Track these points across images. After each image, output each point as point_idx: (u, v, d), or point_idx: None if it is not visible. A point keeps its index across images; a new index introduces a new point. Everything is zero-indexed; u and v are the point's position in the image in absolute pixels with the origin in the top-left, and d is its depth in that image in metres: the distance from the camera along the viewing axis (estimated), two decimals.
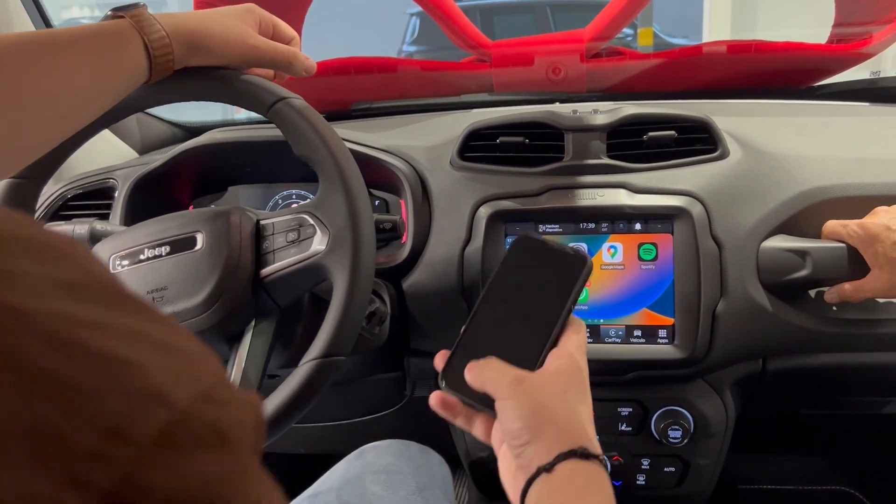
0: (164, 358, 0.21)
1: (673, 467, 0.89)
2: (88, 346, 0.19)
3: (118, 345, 0.20)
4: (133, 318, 0.22)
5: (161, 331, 0.22)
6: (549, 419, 0.49)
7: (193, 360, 0.23)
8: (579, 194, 0.86)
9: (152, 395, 0.20)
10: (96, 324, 0.20)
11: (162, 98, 0.74)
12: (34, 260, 0.20)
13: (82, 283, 0.21)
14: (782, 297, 0.85)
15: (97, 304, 0.21)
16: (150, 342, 0.21)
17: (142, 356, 0.20)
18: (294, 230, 0.71)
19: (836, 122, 1.02)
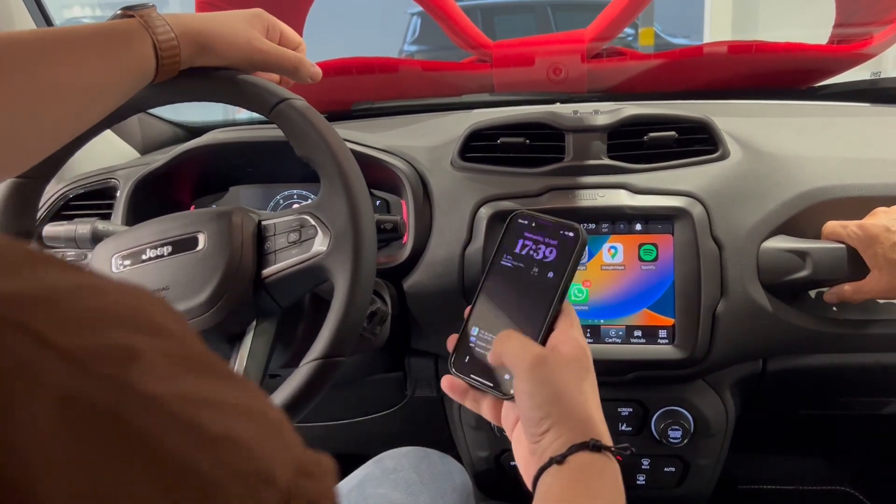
0: (262, 431, 0.22)
1: (673, 467, 0.90)
2: (208, 428, 0.20)
3: (229, 423, 0.21)
4: (229, 389, 0.22)
5: (251, 399, 0.23)
6: (567, 409, 0.50)
7: (283, 430, 0.24)
8: (580, 195, 0.86)
9: (262, 476, 0.20)
10: (209, 402, 0.21)
11: (166, 98, 0.74)
12: (146, 333, 0.21)
13: (187, 356, 0.22)
14: (782, 297, 0.85)
15: (203, 378, 0.22)
16: (248, 414, 0.22)
17: (247, 433, 0.21)
18: (296, 231, 0.72)
19: (837, 123, 1.02)
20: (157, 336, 0.21)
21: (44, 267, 0.21)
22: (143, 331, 0.21)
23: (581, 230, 0.59)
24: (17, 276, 0.20)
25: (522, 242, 0.61)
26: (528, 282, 0.59)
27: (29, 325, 0.18)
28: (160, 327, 0.22)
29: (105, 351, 0.19)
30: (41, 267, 0.21)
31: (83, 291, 0.21)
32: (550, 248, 0.60)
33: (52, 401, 0.17)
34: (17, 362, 0.17)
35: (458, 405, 0.96)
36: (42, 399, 0.17)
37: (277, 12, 0.79)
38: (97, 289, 0.21)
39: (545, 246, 0.60)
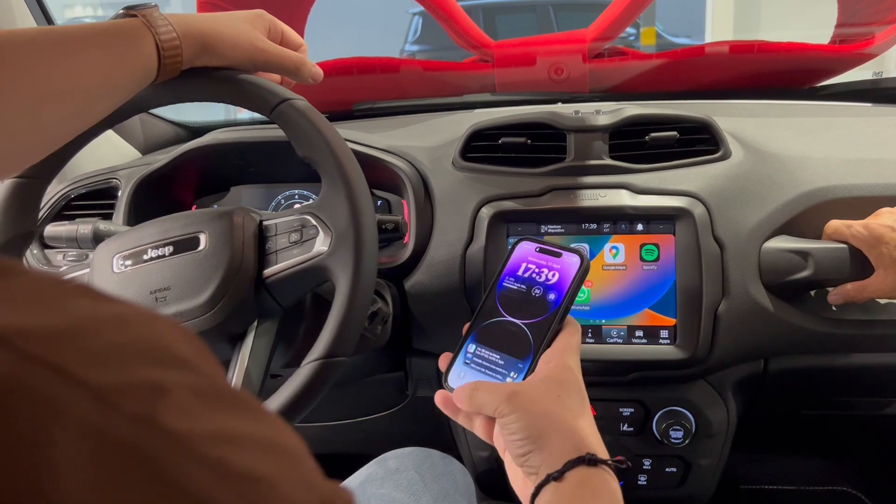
0: (285, 466, 0.22)
1: (674, 468, 0.90)
2: (233, 465, 0.20)
3: (253, 459, 0.21)
4: (252, 422, 0.22)
5: (273, 432, 0.23)
6: (552, 427, 0.50)
7: (304, 462, 0.24)
8: (581, 195, 0.86)
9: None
10: (234, 438, 0.21)
11: (168, 98, 0.74)
12: (172, 367, 0.21)
13: (212, 391, 0.22)
14: (784, 297, 0.85)
15: (228, 413, 0.21)
16: (271, 449, 0.22)
17: (271, 469, 0.21)
18: (297, 231, 0.72)
19: (839, 123, 1.02)
20: (182, 370, 0.21)
21: (71, 297, 0.21)
22: (169, 365, 0.21)
23: (585, 256, 0.62)
24: (45, 308, 0.19)
25: (526, 265, 0.63)
26: (529, 302, 0.61)
27: (56, 361, 0.18)
28: (185, 360, 0.22)
29: (132, 388, 0.19)
30: (67, 299, 0.20)
31: (109, 324, 0.21)
32: (554, 272, 0.62)
33: (80, 439, 0.17)
34: (45, 400, 0.17)
35: None
36: (70, 437, 0.17)
37: (279, 12, 0.79)
38: (122, 320, 0.21)
39: (548, 269, 0.62)
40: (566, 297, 0.60)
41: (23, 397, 0.17)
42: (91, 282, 0.75)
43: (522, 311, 0.61)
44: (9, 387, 0.17)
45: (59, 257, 0.99)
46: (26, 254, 0.91)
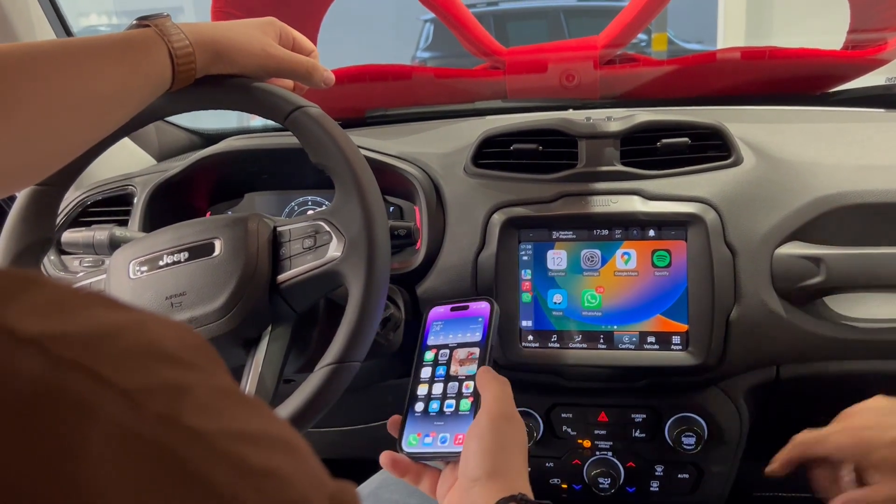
0: (297, 463, 0.23)
1: (687, 474, 0.89)
2: (252, 462, 0.21)
3: (269, 456, 0.21)
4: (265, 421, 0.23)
5: (282, 430, 0.24)
6: (496, 467, 0.58)
7: (312, 459, 0.24)
8: (593, 201, 0.86)
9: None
10: (251, 436, 0.21)
11: (182, 106, 0.75)
12: (191, 368, 0.22)
13: (228, 390, 0.22)
14: (796, 303, 0.85)
15: (243, 411, 0.22)
16: (284, 446, 0.23)
17: (284, 464, 0.22)
18: (310, 237, 0.72)
19: (851, 129, 1.02)
20: (200, 371, 0.22)
21: (90, 305, 0.21)
22: (187, 366, 0.22)
23: (492, 300, 0.73)
24: (69, 315, 0.20)
25: (443, 325, 0.75)
26: (456, 356, 0.72)
27: (86, 364, 0.19)
28: (200, 362, 0.23)
29: (156, 389, 0.20)
30: (88, 305, 0.21)
31: (130, 329, 0.21)
32: (469, 324, 0.73)
33: (111, 439, 0.18)
34: (77, 402, 0.18)
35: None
36: (102, 437, 0.18)
37: (292, 20, 0.80)
38: (141, 325, 0.22)
39: (464, 322, 0.73)
40: (487, 340, 0.70)
41: (58, 399, 0.18)
42: (108, 288, 0.76)
43: (453, 365, 0.71)
44: (44, 389, 0.18)
45: (76, 263, 1.00)
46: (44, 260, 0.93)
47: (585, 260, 0.87)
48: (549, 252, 0.87)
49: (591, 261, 0.86)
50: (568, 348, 0.86)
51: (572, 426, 0.90)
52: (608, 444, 0.90)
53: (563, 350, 0.86)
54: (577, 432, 0.90)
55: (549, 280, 0.87)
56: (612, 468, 0.89)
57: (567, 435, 0.91)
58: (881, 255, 0.84)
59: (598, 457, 0.90)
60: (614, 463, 0.90)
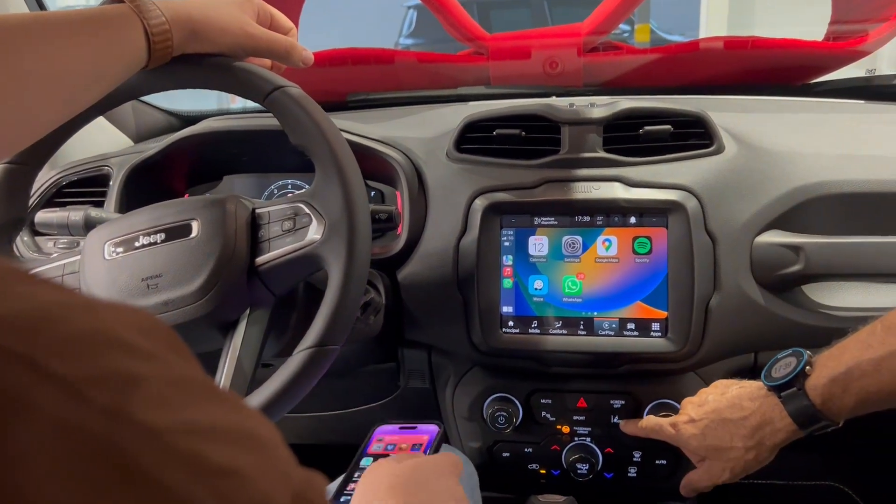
0: (259, 458, 0.21)
1: (665, 460, 0.90)
2: (208, 460, 0.19)
3: (228, 453, 0.20)
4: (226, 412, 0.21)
5: (246, 420, 0.22)
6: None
7: (278, 451, 0.23)
8: (575, 187, 0.86)
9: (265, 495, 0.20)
10: (208, 431, 0.20)
11: (159, 85, 0.73)
12: (143, 357, 0.20)
13: (184, 380, 0.21)
14: (775, 291, 0.85)
15: (201, 403, 0.21)
16: (246, 440, 0.21)
17: (246, 462, 0.20)
18: (290, 219, 0.71)
19: (831, 119, 1.02)
20: (154, 360, 0.20)
21: (31, 286, 0.19)
22: (140, 354, 0.20)
23: (442, 425, 0.73)
24: (5, 296, 0.18)
25: (386, 445, 0.73)
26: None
27: (22, 351, 0.17)
28: (156, 350, 0.21)
29: (104, 379, 0.18)
30: (27, 286, 0.19)
31: (76, 311, 0.19)
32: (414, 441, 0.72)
33: (51, 434, 0.16)
34: (11, 392, 0.16)
35: (451, 397, 0.96)
36: (40, 433, 0.16)
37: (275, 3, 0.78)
38: (89, 308, 0.20)
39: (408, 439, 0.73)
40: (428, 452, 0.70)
41: None
42: (82, 269, 0.74)
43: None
44: None
45: (50, 244, 0.98)
46: (16, 240, 0.91)
47: (567, 246, 0.86)
48: (530, 238, 0.87)
49: (573, 247, 0.86)
50: (548, 334, 0.86)
51: (551, 412, 0.90)
52: (587, 429, 0.90)
53: (544, 336, 0.86)
54: (556, 418, 0.91)
55: (531, 266, 0.87)
56: (591, 454, 0.90)
57: (546, 421, 0.91)
58: (859, 244, 0.85)
59: (576, 442, 0.91)
60: (593, 449, 0.90)
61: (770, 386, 0.71)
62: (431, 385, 0.98)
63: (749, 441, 0.72)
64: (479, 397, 0.92)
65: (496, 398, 0.91)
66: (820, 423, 0.69)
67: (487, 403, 0.91)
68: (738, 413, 0.72)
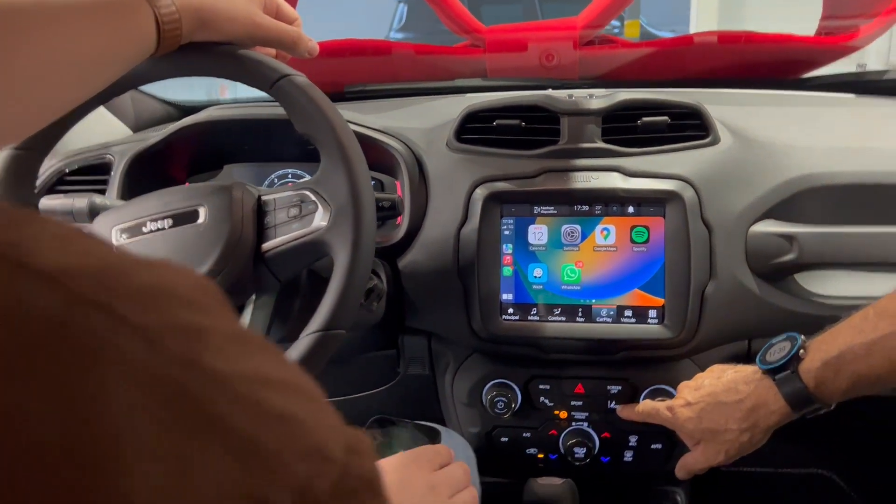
0: (314, 408, 0.22)
1: (660, 444, 0.92)
2: (271, 406, 0.20)
3: (287, 401, 0.21)
4: (281, 366, 0.22)
5: (298, 376, 0.23)
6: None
7: (328, 408, 0.24)
8: (574, 177, 0.87)
9: (321, 453, 0.21)
10: (268, 380, 0.21)
11: (166, 72, 0.74)
12: (205, 312, 0.21)
13: (242, 334, 0.22)
14: (769, 280, 0.87)
15: (259, 356, 0.22)
16: (301, 392, 0.22)
17: (303, 410, 0.21)
18: (296, 206, 0.72)
19: (824, 113, 1.04)
20: (212, 314, 0.21)
21: (93, 243, 0.20)
22: (200, 308, 0.21)
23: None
24: (80, 251, 0.19)
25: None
26: None
27: (102, 300, 0.18)
28: (212, 305, 0.22)
29: (175, 328, 0.19)
30: (95, 243, 0.20)
31: (139, 266, 0.20)
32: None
33: (130, 378, 0.17)
34: (93, 337, 0.17)
35: (451, 383, 0.97)
36: (120, 377, 0.17)
37: None
38: (149, 265, 0.21)
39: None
40: None
41: (74, 337, 0.17)
42: None
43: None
44: (58, 327, 0.17)
45: None
46: None
47: (566, 235, 0.88)
48: (530, 227, 0.88)
49: (572, 236, 0.88)
50: (547, 321, 0.88)
51: (550, 397, 0.92)
52: (584, 414, 0.92)
53: (543, 323, 0.88)
54: (554, 403, 0.92)
55: (530, 254, 0.89)
56: (588, 438, 0.91)
57: (544, 406, 0.92)
58: (851, 234, 0.87)
59: (574, 427, 0.92)
60: (590, 433, 0.92)
61: (765, 369, 0.73)
62: (431, 371, 0.99)
63: (744, 423, 0.73)
64: (479, 383, 0.93)
65: (495, 384, 0.92)
66: (813, 406, 0.71)
67: (486, 389, 0.92)
68: (733, 396, 0.74)
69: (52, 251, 0.18)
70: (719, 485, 1.36)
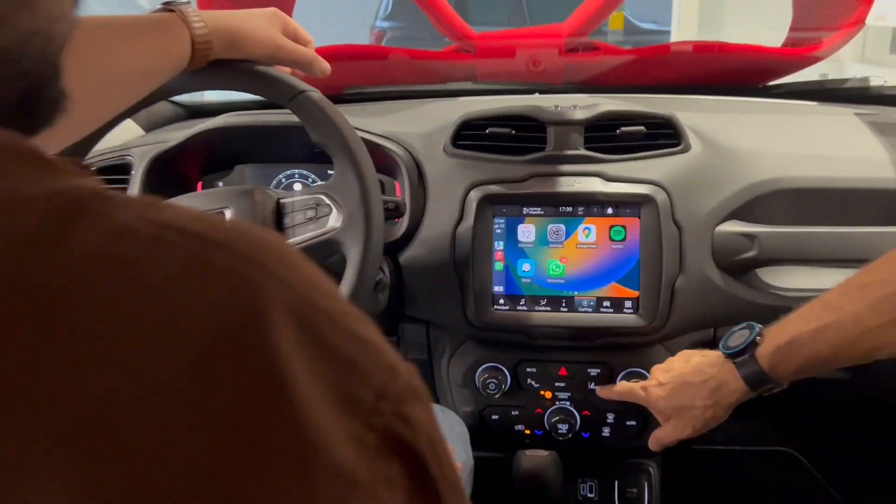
0: (381, 338, 0.29)
1: (634, 421, 1.02)
2: (360, 333, 0.28)
3: (367, 330, 0.28)
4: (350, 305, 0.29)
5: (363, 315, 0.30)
6: None
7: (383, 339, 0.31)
8: (559, 181, 0.97)
9: (393, 369, 0.28)
10: (351, 315, 0.28)
11: (195, 85, 0.82)
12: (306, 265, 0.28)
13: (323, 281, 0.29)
14: (733, 274, 0.97)
15: (338, 299, 0.29)
16: (372, 327, 0.29)
17: (377, 339, 0.29)
18: (312, 208, 0.81)
19: (787, 120, 1.14)
20: (309, 267, 0.29)
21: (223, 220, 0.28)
22: (304, 264, 0.28)
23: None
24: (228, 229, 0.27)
25: None
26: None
27: (264, 262, 0.26)
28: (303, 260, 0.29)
29: (303, 280, 0.27)
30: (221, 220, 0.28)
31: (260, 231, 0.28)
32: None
33: (287, 319, 0.25)
34: (261, 289, 0.25)
35: (447, 366, 1.07)
36: (281, 317, 0.25)
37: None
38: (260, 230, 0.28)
39: None
40: None
41: (248, 286, 0.25)
42: None
43: None
44: (235, 279, 0.25)
45: None
46: None
47: (551, 233, 0.97)
48: (519, 226, 0.98)
49: (557, 234, 0.97)
50: (534, 311, 0.98)
51: (536, 379, 1.02)
52: (567, 395, 1.02)
53: (530, 312, 0.98)
54: (540, 384, 1.02)
55: (519, 251, 0.98)
56: (570, 416, 1.01)
57: (531, 387, 1.02)
58: (807, 234, 0.97)
59: (557, 406, 1.02)
60: (572, 411, 1.02)
61: (727, 354, 0.82)
62: (429, 356, 1.09)
63: (708, 401, 0.83)
64: (472, 367, 1.03)
65: (487, 367, 1.02)
66: (767, 385, 0.80)
67: (479, 372, 1.02)
68: (699, 377, 0.84)
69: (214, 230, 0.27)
70: (691, 462, 1.46)
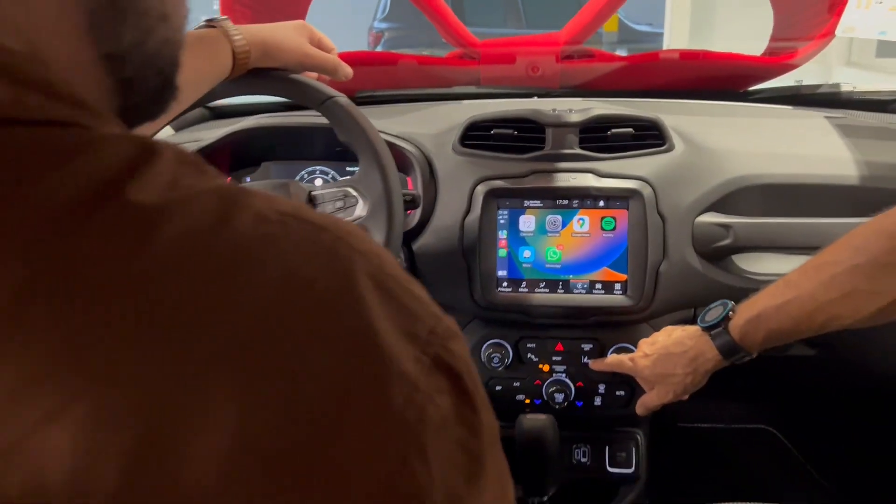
0: (427, 295, 0.32)
1: (623, 391, 1.13)
2: (413, 291, 0.31)
3: (417, 288, 0.32)
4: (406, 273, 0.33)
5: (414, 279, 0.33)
6: None
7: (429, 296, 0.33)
8: (556, 177, 1.09)
9: (437, 316, 0.32)
10: (408, 279, 0.32)
11: (237, 91, 0.93)
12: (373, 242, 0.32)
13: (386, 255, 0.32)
14: (711, 260, 1.09)
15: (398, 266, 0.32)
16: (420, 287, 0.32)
17: (426, 296, 0.32)
18: (340, 199, 0.93)
19: (763, 123, 1.26)
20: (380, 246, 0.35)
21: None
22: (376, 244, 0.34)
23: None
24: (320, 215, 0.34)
25: None
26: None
27: (342, 236, 0.32)
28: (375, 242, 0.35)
29: (377, 255, 0.33)
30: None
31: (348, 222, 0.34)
32: None
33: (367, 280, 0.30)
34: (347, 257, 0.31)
35: None
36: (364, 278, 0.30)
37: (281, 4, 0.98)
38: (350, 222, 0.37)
39: None
40: None
41: (343, 257, 0.29)
42: None
43: None
44: (334, 252, 0.29)
45: None
46: None
47: (549, 224, 1.09)
48: (521, 217, 1.09)
49: (554, 224, 1.09)
50: (534, 293, 1.09)
51: (535, 354, 1.13)
52: (563, 367, 1.13)
53: (531, 294, 1.09)
54: (539, 358, 1.13)
55: (521, 239, 1.10)
56: (566, 387, 1.13)
57: (530, 361, 1.14)
58: (777, 224, 1.08)
59: (554, 378, 1.14)
60: (567, 383, 1.13)
61: (703, 327, 0.94)
62: None
63: (687, 368, 0.95)
64: (478, 343, 1.14)
65: (491, 343, 1.13)
66: (739, 354, 0.91)
67: (484, 348, 1.13)
68: (680, 349, 0.96)
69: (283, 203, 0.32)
70: (677, 439, 1.58)
